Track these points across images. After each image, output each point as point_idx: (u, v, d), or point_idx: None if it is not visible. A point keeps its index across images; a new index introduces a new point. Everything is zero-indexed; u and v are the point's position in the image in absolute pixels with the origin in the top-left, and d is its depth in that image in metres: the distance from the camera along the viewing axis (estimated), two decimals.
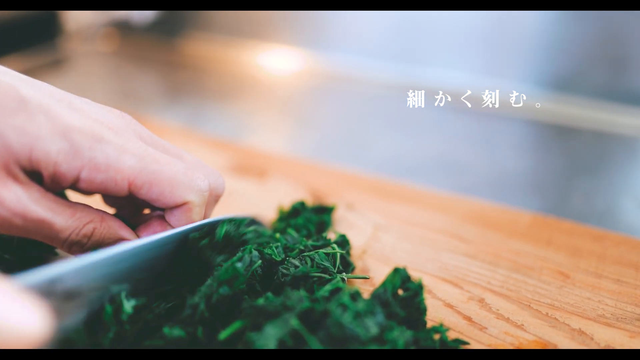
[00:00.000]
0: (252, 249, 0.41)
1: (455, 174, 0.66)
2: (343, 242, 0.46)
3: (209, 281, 0.38)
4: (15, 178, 0.36)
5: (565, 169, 0.70)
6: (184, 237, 0.41)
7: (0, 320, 0.24)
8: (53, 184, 0.37)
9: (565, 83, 0.85)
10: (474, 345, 0.39)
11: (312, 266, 0.41)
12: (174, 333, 0.35)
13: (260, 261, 0.40)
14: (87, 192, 0.41)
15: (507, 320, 0.42)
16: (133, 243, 0.37)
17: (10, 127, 0.35)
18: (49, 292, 0.32)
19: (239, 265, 0.38)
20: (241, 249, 0.42)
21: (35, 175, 0.37)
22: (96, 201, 0.45)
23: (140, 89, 1.00)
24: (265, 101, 0.93)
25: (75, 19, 1.17)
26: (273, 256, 0.42)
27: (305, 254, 0.42)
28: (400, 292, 0.39)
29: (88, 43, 1.18)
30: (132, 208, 0.45)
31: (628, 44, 0.78)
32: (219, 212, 0.47)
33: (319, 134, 0.80)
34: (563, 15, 0.82)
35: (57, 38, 1.16)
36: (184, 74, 1.05)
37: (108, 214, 0.40)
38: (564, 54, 0.83)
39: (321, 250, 0.42)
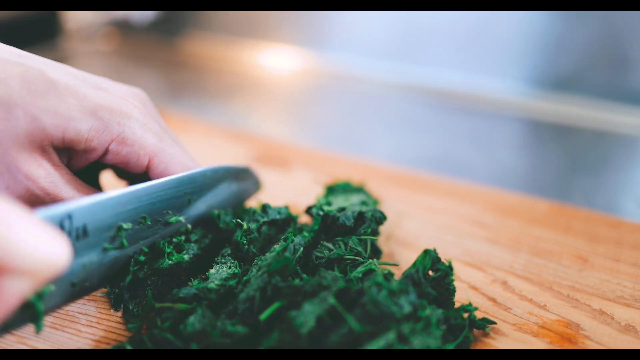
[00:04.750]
0: (293, 237, 0.42)
1: (455, 173, 0.67)
2: (380, 217, 0.46)
3: (254, 271, 0.39)
4: (49, 159, 0.38)
5: (565, 168, 0.71)
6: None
7: (33, 249, 0.24)
8: (82, 159, 0.40)
9: (565, 83, 0.86)
10: (500, 325, 0.41)
11: (345, 250, 0.42)
12: (239, 330, 0.36)
13: (302, 248, 0.41)
14: (109, 165, 0.45)
15: (530, 301, 0.43)
16: (138, 186, 0.39)
17: (43, 110, 0.37)
18: (62, 227, 0.33)
19: (287, 254, 0.39)
20: (282, 237, 0.43)
21: (63, 151, 0.39)
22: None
23: (140, 88, 1.00)
24: (266, 100, 0.94)
25: (75, 19, 1.17)
26: (307, 241, 0.43)
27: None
28: (430, 273, 0.40)
29: (88, 42, 1.18)
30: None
31: (628, 44, 0.80)
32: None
33: (319, 133, 0.81)
34: (563, 15, 0.83)
35: (57, 38, 1.15)
36: (184, 73, 1.05)
37: None
38: (564, 54, 0.85)
39: (354, 236, 0.43)
